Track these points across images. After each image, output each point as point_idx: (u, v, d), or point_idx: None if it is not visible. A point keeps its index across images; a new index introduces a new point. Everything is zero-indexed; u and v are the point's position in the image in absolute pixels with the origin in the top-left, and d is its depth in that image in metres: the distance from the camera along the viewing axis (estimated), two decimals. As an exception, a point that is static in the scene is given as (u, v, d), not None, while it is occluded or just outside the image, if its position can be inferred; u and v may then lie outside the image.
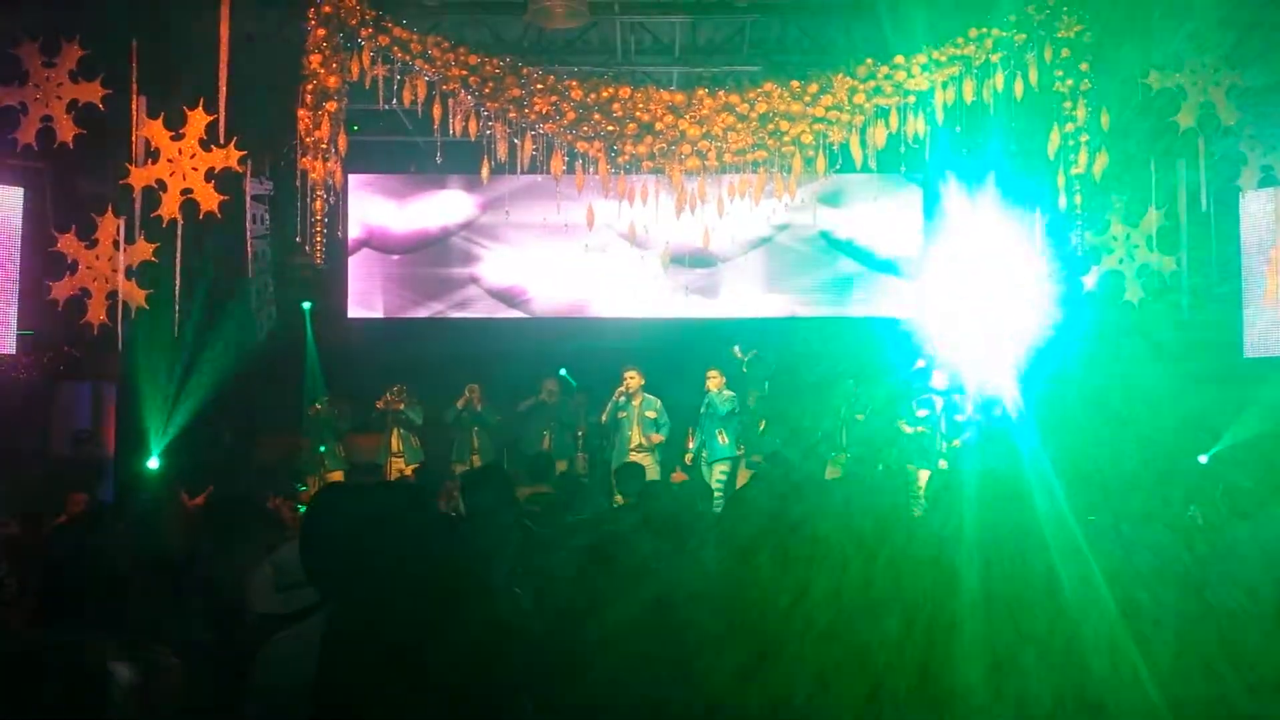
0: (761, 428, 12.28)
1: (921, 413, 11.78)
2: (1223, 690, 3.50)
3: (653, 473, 11.06)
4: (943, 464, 11.32)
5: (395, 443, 12.54)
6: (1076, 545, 3.79)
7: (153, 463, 10.90)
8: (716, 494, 11.47)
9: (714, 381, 11.73)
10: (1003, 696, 3.42)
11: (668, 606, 2.72)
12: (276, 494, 8.82)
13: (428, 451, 12.59)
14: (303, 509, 7.84)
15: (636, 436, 11.82)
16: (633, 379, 11.88)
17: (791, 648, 2.28)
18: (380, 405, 12.55)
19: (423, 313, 13.71)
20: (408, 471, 12.00)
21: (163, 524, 6.60)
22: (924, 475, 11.41)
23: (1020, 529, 3.96)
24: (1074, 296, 10.44)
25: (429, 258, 13.85)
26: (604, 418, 12.12)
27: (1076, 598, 3.48)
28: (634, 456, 11.53)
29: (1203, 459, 10.53)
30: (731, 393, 11.85)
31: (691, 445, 12.14)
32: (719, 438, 11.57)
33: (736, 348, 12.70)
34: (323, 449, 12.36)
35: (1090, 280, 10.10)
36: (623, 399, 11.90)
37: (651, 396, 11.96)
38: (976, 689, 3.31)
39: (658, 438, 11.83)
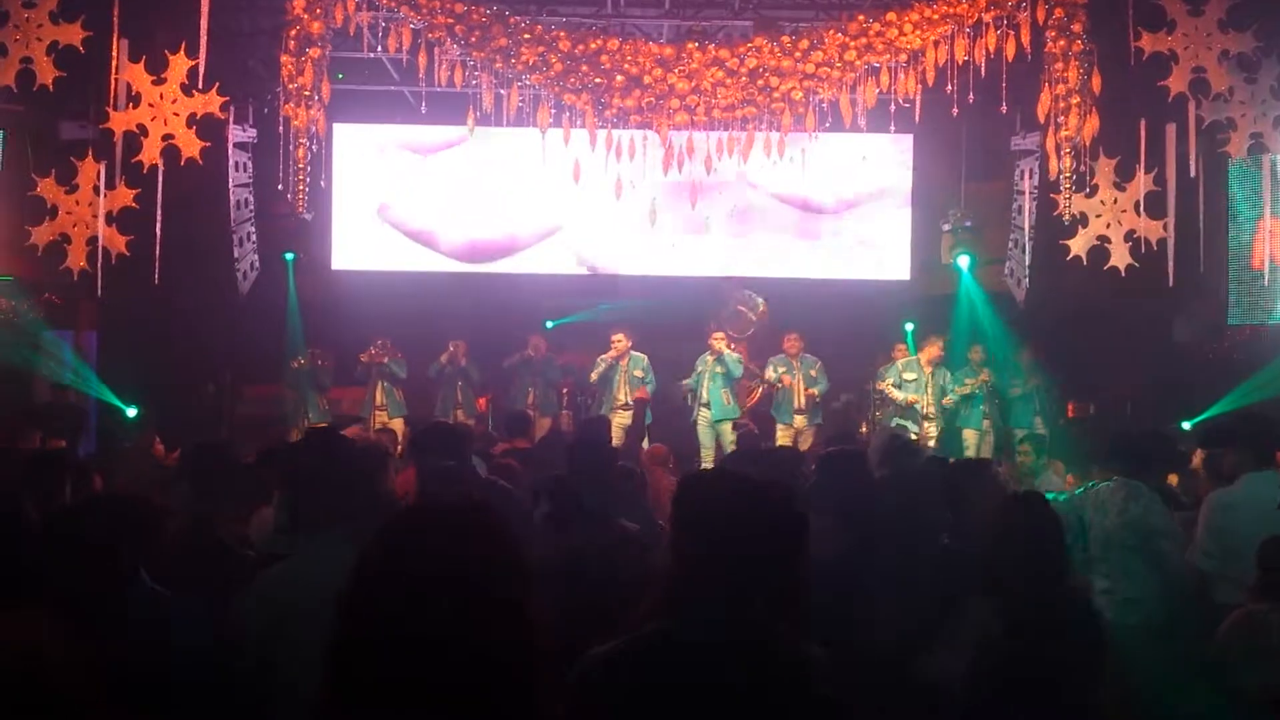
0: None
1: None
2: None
3: (618, 436, 11.04)
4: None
5: (379, 396, 12.50)
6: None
7: (132, 412, 10.84)
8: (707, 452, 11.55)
9: (721, 341, 11.74)
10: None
11: None
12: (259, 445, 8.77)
13: (410, 405, 12.57)
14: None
15: (623, 395, 11.86)
16: (620, 342, 11.91)
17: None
18: (364, 358, 12.50)
19: (407, 265, 13.59)
20: (391, 425, 11.98)
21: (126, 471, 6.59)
22: (970, 435, 11.70)
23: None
24: (1059, 262, 10.43)
25: (414, 207, 13.72)
26: (593, 376, 12.15)
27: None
28: (619, 413, 11.61)
29: (1186, 426, 10.57)
30: (738, 354, 11.85)
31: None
32: (723, 397, 11.59)
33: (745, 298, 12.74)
34: (306, 401, 12.32)
35: (1076, 245, 10.06)
36: (611, 359, 11.95)
37: (638, 354, 11.98)
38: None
39: (644, 392, 11.91)
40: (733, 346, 12.10)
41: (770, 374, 11.85)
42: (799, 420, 11.86)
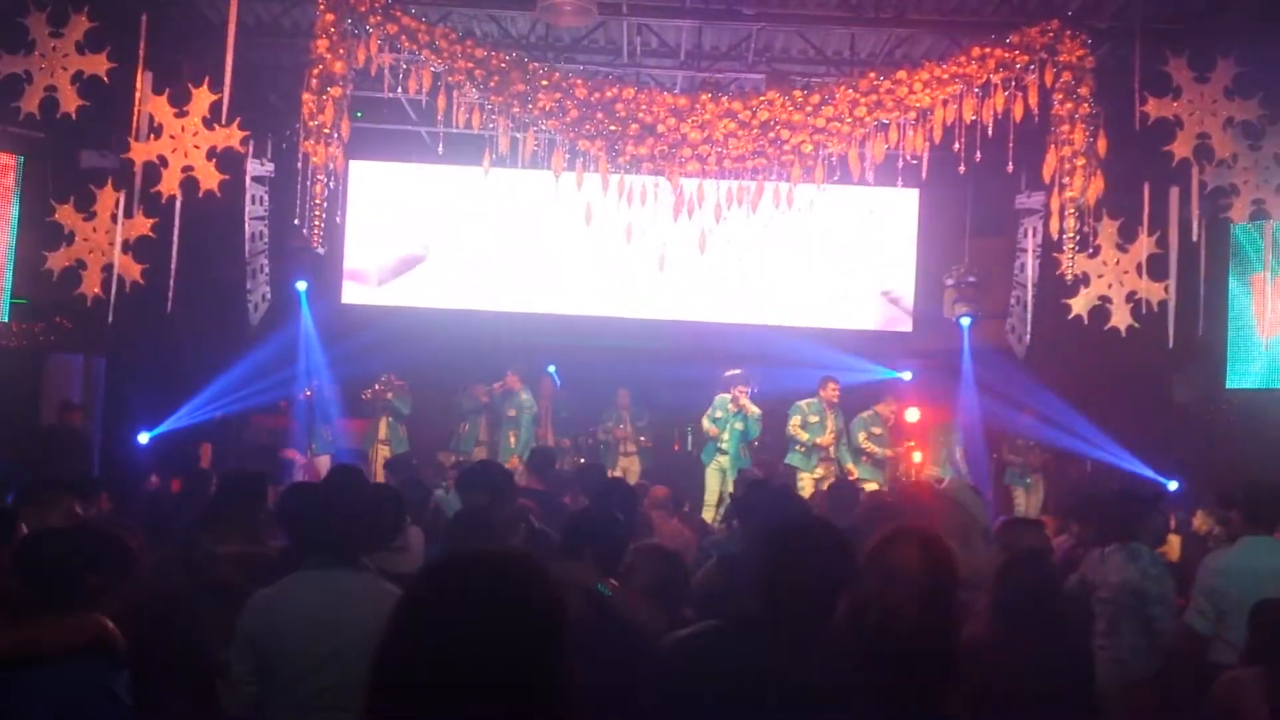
0: None
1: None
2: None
3: None
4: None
5: (383, 430, 12.58)
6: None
7: (142, 438, 10.90)
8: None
9: (744, 396, 11.82)
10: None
11: None
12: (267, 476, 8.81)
13: (414, 441, 12.63)
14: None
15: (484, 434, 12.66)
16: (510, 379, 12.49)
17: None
18: (367, 395, 12.58)
19: (416, 300, 13.68)
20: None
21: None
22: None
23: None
24: (1059, 321, 10.52)
25: (427, 248, 13.83)
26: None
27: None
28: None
29: (1173, 486, 10.63)
30: (758, 410, 11.91)
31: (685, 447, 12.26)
32: (741, 450, 11.68)
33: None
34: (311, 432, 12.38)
35: (1078, 305, 10.16)
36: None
37: (526, 397, 12.50)
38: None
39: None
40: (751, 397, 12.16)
41: (796, 423, 11.81)
42: (821, 469, 11.74)
